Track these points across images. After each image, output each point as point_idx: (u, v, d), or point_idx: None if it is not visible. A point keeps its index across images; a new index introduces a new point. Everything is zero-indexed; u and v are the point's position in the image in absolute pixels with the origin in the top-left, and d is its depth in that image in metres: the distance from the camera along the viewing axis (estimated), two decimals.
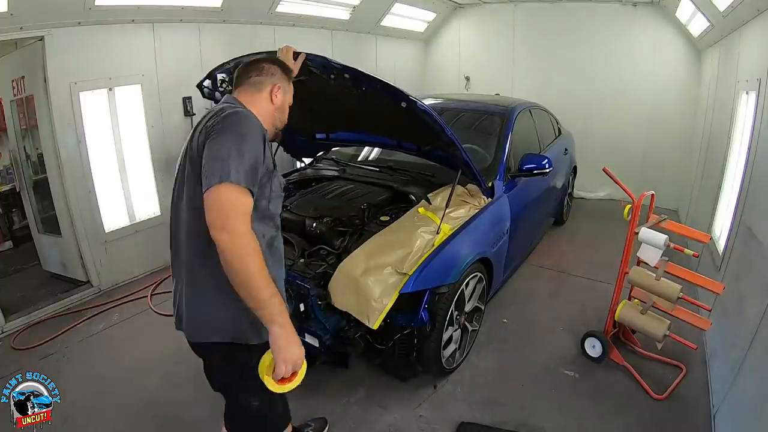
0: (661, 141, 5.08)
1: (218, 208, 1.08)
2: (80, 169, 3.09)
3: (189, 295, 1.29)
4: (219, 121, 1.17)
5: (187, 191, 1.23)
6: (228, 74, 2.29)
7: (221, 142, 1.13)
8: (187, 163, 1.23)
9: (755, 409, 1.66)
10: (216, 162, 1.10)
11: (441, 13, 5.93)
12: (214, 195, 1.09)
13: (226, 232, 1.07)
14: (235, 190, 1.09)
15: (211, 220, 1.08)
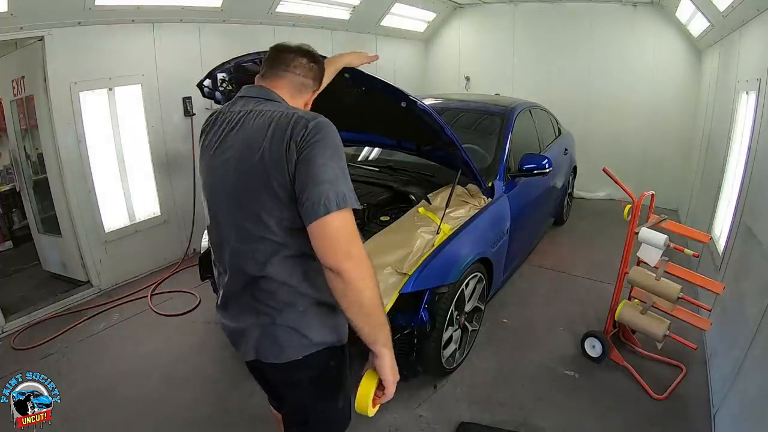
0: (661, 141, 5.08)
1: (338, 238, 0.97)
2: (80, 169, 3.09)
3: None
4: (308, 138, 1.01)
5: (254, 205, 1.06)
6: (228, 74, 2.28)
7: (322, 161, 0.99)
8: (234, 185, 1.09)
9: (755, 409, 1.66)
10: (324, 186, 0.97)
11: (441, 13, 5.93)
12: (330, 224, 0.96)
13: (351, 260, 0.96)
14: (350, 213, 0.99)
15: (329, 252, 0.96)
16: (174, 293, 3.28)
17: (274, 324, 1.09)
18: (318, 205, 0.96)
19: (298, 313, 1.09)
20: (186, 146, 3.69)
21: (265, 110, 1.10)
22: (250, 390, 2.30)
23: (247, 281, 1.11)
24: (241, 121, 1.12)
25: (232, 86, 2.36)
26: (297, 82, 1.21)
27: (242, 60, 2.11)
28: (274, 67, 1.21)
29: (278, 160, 1.02)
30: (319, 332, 1.12)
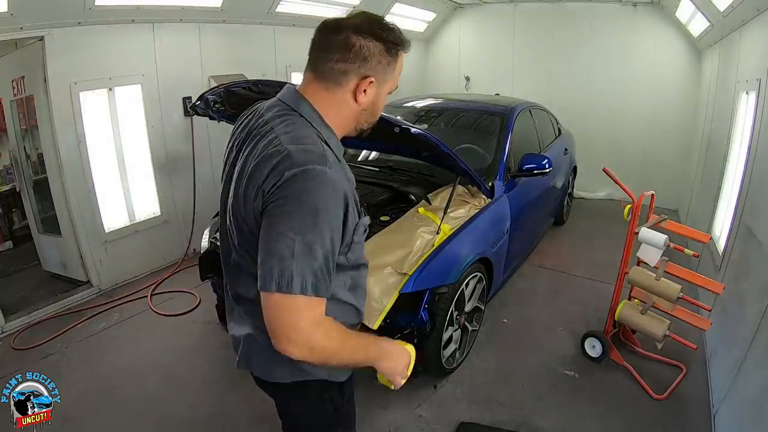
0: (661, 141, 5.08)
1: (275, 320, 0.84)
2: (80, 169, 3.09)
3: None
4: (278, 192, 0.83)
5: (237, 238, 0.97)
6: (219, 97, 2.31)
7: (282, 229, 0.82)
8: (230, 206, 0.96)
9: (755, 409, 1.66)
10: (272, 260, 0.82)
11: (441, 13, 5.93)
12: (271, 303, 0.84)
13: (292, 345, 0.84)
14: (300, 301, 0.83)
15: (270, 328, 0.86)
16: (174, 293, 3.28)
17: (265, 345, 0.94)
18: (261, 278, 0.84)
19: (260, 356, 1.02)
20: (186, 146, 3.69)
21: (275, 130, 0.92)
22: (250, 390, 2.29)
23: (238, 298, 1.05)
24: (255, 136, 0.95)
25: (224, 107, 2.38)
26: (333, 71, 0.92)
27: (232, 85, 2.14)
28: (309, 57, 0.95)
29: (248, 202, 0.88)
30: (310, 365, 0.98)
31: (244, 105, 2.40)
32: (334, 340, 0.89)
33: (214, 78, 3.63)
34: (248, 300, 1.00)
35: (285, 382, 1.04)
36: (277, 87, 2.01)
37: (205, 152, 3.87)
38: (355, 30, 0.91)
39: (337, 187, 0.85)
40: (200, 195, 3.80)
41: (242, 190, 0.90)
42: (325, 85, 0.93)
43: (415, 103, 3.65)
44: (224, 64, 3.80)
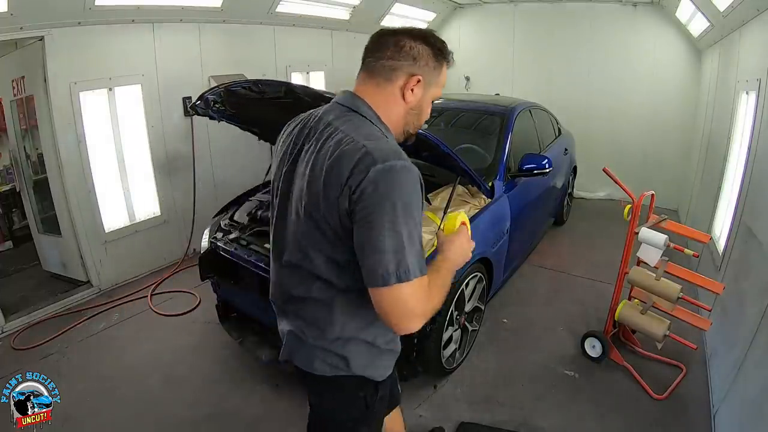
0: (661, 141, 5.08)
1: (396, 309, 0.90)
2: (80, 169, 3.09)
3: None
4: (367, 188, 0.87)
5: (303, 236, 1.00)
6: (219, 97, 2.31)
7: (385, 225, 0.87)
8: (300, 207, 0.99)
9: (755, 409, 1.66)
10: (385, 256, 0.87)
11: (441, 13, 5.93)
12: (387, 297, 0.89)
13: (410, 323, 0.91)
14: (413, 285, 0.88)
15: (388, 318, 0.91)
16: (174, 293, 3.28)
17: (309, 341, 1.06)
18: (376, 275, 0.88)
19: (336, 338, 1.05)
20: (186, 146, 3.69)
21: (341, 129, 0.97)
22: (250, 390, 2.30)
23: (289, 296, 1.08)
24: (318, 136, 1.00)
25: (225, 106, 2.38)
26: (384, 68, 1.00)
27: (232, 85, 2.14)
28: (363, 63, 1.03)
29: (331, 203, 0.92)
30: (355, 362, 1.06)
31: (244, 105, 2.41)
32: (435, 297, 0.97)
33: (214, 78, 3.63)
34: (301, 299, 1.05)
35: (325, 375, 1.08)
36: (276, 87, 2.03)
37: (205, 152, 3.87)
38: (406, 34, 1.01)
39: (417, 179, 0.93)
40: (200, 195, 3.80)
41: (320, 188, 0.93)
42: (375, 81, 1.01)
43: None
44: (224, 64, 3.80)
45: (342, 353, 1.05)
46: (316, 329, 1.05)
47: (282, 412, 2.17)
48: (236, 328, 2.54)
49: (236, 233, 2.48)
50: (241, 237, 2.43)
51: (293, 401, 2.22)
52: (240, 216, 2.69)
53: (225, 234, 2.51)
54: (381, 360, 1.11)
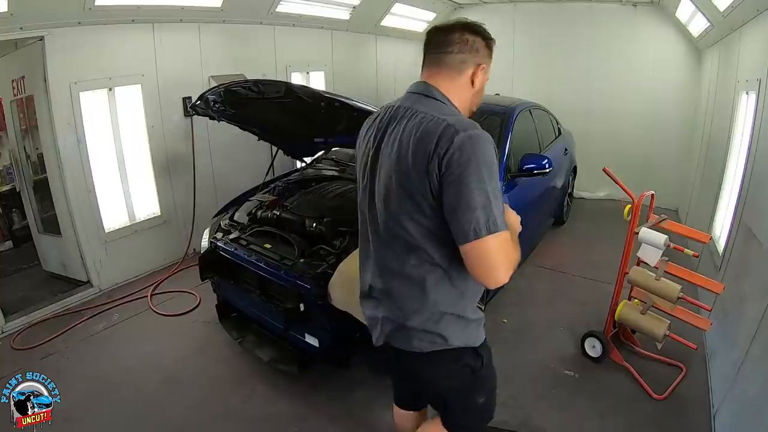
0: (661, 141, 5.08)
1: (488, 260, 1.00)
2: (80, 169, 3.09)
3: None
4: (454, 154, 0.98)
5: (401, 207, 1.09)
6: (219, 96, 2.31)
7: (468, 186, 0.98)
8: (391, 182, 1.08)
9: (755, 409, 1.67)
10: (476, 213, 0.98)
11: (441, 13, 5.93)
12: (479, 249, 0.99)
13: (500, 275, 1.01)
14: (500, 237, 1.00)
15: (479, 271, 1.02)
16: (174, 293, 3.28)
17: (405, 323, 1.14)
18: (468, 231, 0.98)
19: (429, 317, 1.12)
20: (186, 146, 3.69)
21: (420, 111, 1.09)
22: (251, 390, 2.30)
23: (386, 277, 1.17)
24: (400, 119, 1.12)
25: (224, 106, 2.38)
26: (455, 61, 1.14)
27: (232, 85, 2.15)
28: (428, 54, 1.19)
29: (420, 171, 1.02)
30: (452, 334, 1.14)
31: (244, 105, 2.41)
32: (514, 251, 1.08)
33: (214, 78, 3.63)
34: (396, 277, 1.14)
35: (425, 351, 1.15)
36: (276, 87, 2.03)
37: (205, 152, 3.87)
38: (463, 29, 1.16)
39: (493, 143, 1.04)
40: (200, 195, 3.80)
41: (409, 162, 1.05)
42: (449, 75, 1.15)
43: None
44: (224, 64, 3.80)
45: (437, 330, 1.13)
46: (410, 309, 1.13)
47: (282, 412, 2.17)
48: (236, 328, 2.55)
49: (236, 233, 2.48)
50: (241, 237, 2.44)
51: (293, 401, 2.23)
52: (240, 216, 2.70)
53: (225, 234, 2.52)
54: (472, 329, 1.20)
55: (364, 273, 1.25)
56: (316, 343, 2.13)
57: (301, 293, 2.04)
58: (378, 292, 1.20)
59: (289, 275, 2.07)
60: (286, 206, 2.56)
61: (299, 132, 2.80)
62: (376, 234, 1.17)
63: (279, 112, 2.34)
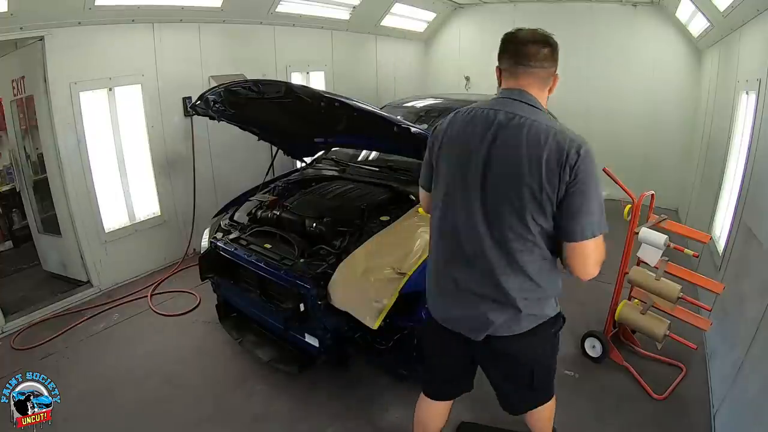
0: (661, 141, 5.08)
1: (590, 258, 1.22)
2: (80, 169, 3.09)
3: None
4: (581, 166, 1.15)
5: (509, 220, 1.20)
6: (219, 97, 2.31)
7: (590, 195, 1.18)
8: (511, 180, 1.18)
9: (755, 409, 1.67)
10: (589, 217, 1.17)
11: (441, 13, 5.93)
12: (586, 248, 1.19)
13: (594, 271, 1.25)
14: (600, 238, 1.21)
15: (580, 267, 1.22)
16: (174, 293, 3.28)
17: (505, 311, 1.27)
18: (583, 232, 1.17)
19: (539, 301, 1.30)
20: (186, 146, 3.69)
21: (532, 120, 1.20)
22: (250, 390, 2.30)
23: (496, 274, 1.24)
24: (511, 126, 1.20)
25: (224, 106, 2.38)
26: (546, 74, 1.27)
27: (232, 85, 2.15)
28: (519, 63, 1.26)
29: (552, 178, 1.15)
30: (550, 308, 1.36)
31: (244, 105, 2.41)
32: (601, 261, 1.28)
33: (214, 78, 3.63)
34: (511, 270, 1.23)
35: (524, 331, 1.30)
36: (276, 87, 2.03)
37: (205, 152, 3.87)
38: (552, 45, 1.29)
39: None
40: (200, 195, 3.80)
41: (542, 169, 1.15)
42: (539, 86, 1.28)
43: (415, 103, 3.65)
44: (224, 64, 3.80)
45: (542, 309, 1.32)
46: (524, 298, 1.26)
47: (282, 411, 2.17)
48: (236, 328, 2.55)
49: (236, 233, 2.48)
50: (241, 237, 2.44)
51: (293, 401, 2.23)
52: (240, 216, 2.70)
53: (225, 234, 2.52)
54: (556, 299, 1.41)
55: (451, 272, 1.31)
56: (316, 343, 2.13)
57: (301, 293, 2.04)
58: (482, 289, 1.27)
59: (289, 275, 2.07)
60: (286, 206, 2.56)
61: (299, 132, 2.80)
62: (483, 234, 1.23)
63: (279, 112, 2.34)
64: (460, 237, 1.27)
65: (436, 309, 1.40)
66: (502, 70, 1.32)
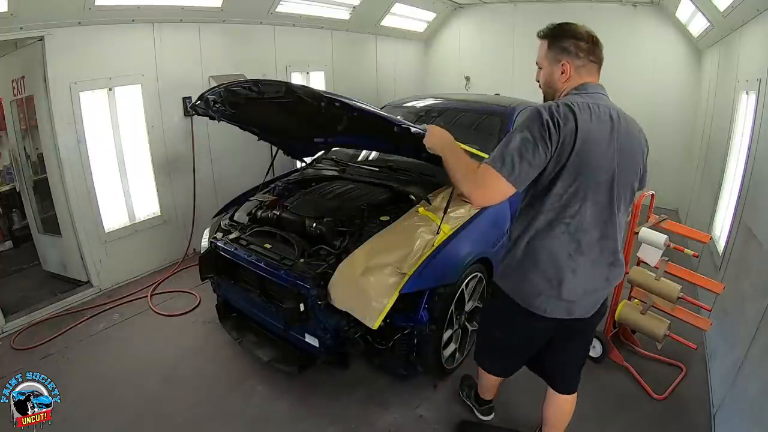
0: (661, 141, 5.04)
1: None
2: (80, 169, 3.09)
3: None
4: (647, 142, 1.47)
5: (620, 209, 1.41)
6: (219, 96, 2.31)
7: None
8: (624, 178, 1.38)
9: (755, 409, 1.67)
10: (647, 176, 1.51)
11: (441, 13, 5.93)
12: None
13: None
14: None
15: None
16: (174, 293, 3.28)
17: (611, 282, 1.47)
18: (644, 185, 1.50)
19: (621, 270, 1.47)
20: (186, 146, 3.69)
21: (621, 111, 1.41)
22: (251, 390, 2.30)
23: (612, 250, 1.40)
24: (621, 118, 1.37)
25: (224, 106, 2.38)
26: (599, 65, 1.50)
27: (232, 85, 2.15)
28: (596, 61, 1.49)
29: (642, 156, 1.43)
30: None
31: (244, 105, 2.41)
32: None
33: (214, 78, 3.63)
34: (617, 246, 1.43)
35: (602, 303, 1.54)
36: (276, 87, 2.03)
37: (205, 152, 3.87)
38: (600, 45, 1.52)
39: None
40: (200, 195, 3.80)
41: (638, 147, 1.41)
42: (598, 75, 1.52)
43: (415, 103, 3.65)
44: (224, 64, 3.80)
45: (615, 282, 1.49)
46: (617, 265, 1.44)
47: (282, 412, 2.17)
48: (236, 328, 2.55)
49: (236, 233, 2.48)
50: (241, 237, 2.44)
51: (293, 401, 2.23)
52: (240, 216, 2.69)
53: (225, 234, 2.52)
54: None
55: (601, 253, 1.41)
56: (316, 343, 2.14)
57: (301, 293, 2.04)
58: (614, 260, 1.42)
59: (289, 275, 2.08)
60: (286, 206, 2.56)
61: (299, 132, 2.80)
62: (614, 213, 1.38)
63: (279, 112, 2.34)
64: (601, 215, 1.39)
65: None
66: (577, 66, 1.44)
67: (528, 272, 1.41)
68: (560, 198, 1.32)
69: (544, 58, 1.53)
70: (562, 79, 1.44)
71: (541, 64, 1.55)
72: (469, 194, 1.31)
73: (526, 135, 1.26)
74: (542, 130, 1.25)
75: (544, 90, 1.57)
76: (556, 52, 1.46)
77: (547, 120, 1.26)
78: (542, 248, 1.37)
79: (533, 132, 1.25)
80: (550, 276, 1.38)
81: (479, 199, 1.31)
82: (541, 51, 1.55)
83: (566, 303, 1.41)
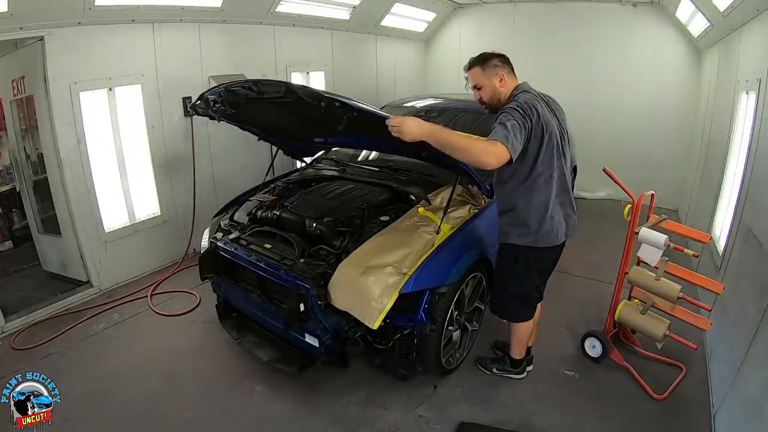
0: (661, 141, 5.08)
1: None
2: (80, 169, 3.09)
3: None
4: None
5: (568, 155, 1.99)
6: (219, 96, 2.31)
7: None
8: (564, 136, 1.96)
9: (755, 409, 1.66)
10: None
11: (441, 13, 5.93)
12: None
13: None
14: None
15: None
16: (174, 293, 3.28)
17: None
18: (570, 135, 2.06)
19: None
20: (186, 146, 3.69)
21: (545, 94, 1.99)
22: (251, 390, 2.30)
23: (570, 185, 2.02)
24: (546, 99, 1.95)
25: (224, 106, 2.38)
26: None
27: (232, 85, 2.15)
28: (512, 68, 1.96)
29: (565, 120, 2.01)
30: None
31: (244, 105, 2.42)
32: None
33: (214, 78, 3.63)
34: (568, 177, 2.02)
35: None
36: (276, 87, 2.03)
37: (205, 152, 3.87)
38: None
39: None
40: (200, 195, 3.80)
41: (562, 115, 2.01)
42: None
43: (415, 103, 3.65)
44: (224, 64, 3.80)
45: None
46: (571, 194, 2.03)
47: (282, 412, 2.17)
48: (236, 328, 2.54)
49: (236, 233, 2.48)
50: (241, 237, 2.44)
51: (293, 401, 2.23)
52: (240, 216, 2.69)
53: (225, 234, 2.52)
54: None
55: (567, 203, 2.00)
56: (316, 343, 2.13)
57: (301, 293, 2.04)
58: (574, 206, 2.03)
59: (289, 275, 2.08)
60: (286, 206, 2.56)
61: (299, 132, 2.80)
62: (566, 163, 1.97)
63: (279, 112, 2.34)
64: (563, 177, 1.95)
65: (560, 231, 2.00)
66: (507, 73, 1.92)
67: (544, 221, 1.92)
68: (544, 163, 1.85)
69: (483, 78, 1.90)
70: (501, 86, 1.89)
71: (481, 84, 1.91)
72: (485, 159, 1.61)
73: (514, 122, 1.70)
74: (523, 119, 1.72)
75: (489, 103, 1.94)
76: (489, 71, 1.89)
77: (524, 111, 1.74)
78: (547, 200, 1.90)
79: (517, 119, 1.71)
80: (558, 213, 1.96)
81: (494, 162, 1.63)
82: (476, 77, 1.91)
83: (567, 225, 2.01)
